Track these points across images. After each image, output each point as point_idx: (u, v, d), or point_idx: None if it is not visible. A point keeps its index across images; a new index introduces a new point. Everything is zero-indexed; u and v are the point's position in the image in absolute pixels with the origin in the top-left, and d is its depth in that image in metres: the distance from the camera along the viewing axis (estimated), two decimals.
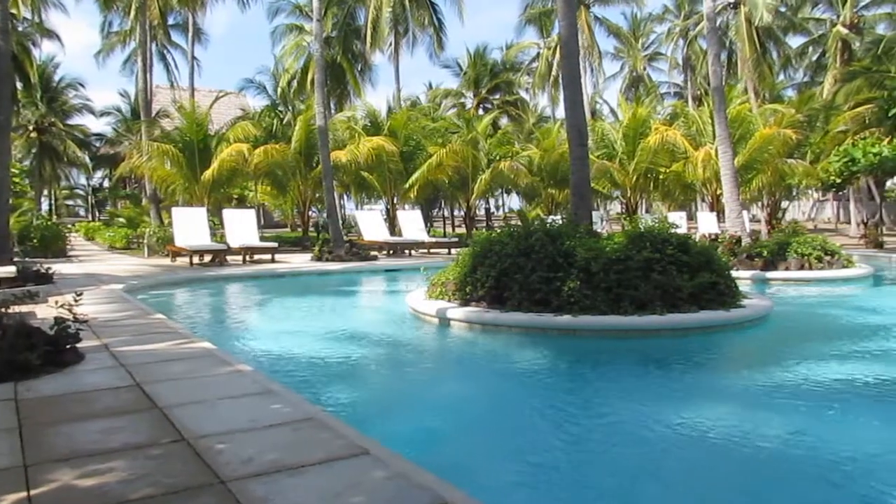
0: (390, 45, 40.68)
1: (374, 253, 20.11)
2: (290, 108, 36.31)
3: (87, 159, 57.70)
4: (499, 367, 7.28)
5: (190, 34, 37.25)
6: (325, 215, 26.35)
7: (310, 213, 30.15)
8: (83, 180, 68.05)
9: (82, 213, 71.19)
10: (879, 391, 5.92)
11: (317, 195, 27.69)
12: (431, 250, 22.14)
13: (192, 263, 17.32)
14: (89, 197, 67.56)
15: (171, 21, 42.18)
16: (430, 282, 10.43)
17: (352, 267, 17.56)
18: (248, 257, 18.31)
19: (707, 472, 4.24)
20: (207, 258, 18.10)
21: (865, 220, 31.43)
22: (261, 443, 3.61)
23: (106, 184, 64.67)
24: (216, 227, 22.90)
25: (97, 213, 63.18)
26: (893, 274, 17.06)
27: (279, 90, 40.11)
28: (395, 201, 28.11)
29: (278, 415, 4.10)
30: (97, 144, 58.48)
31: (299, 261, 18.81)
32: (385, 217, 26.54)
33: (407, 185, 26.72)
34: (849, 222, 36.59)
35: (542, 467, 4.32)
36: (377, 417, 5.32)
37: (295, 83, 39.28)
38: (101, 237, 29.48)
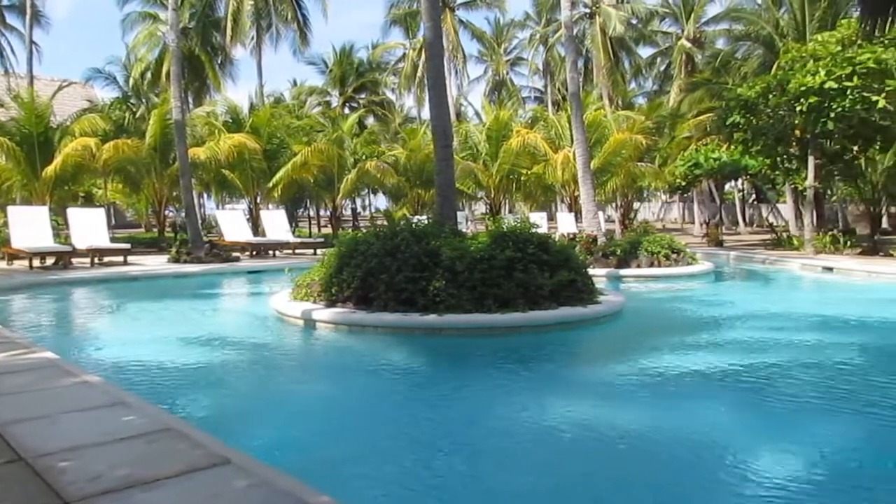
0: (252, 39, 39.51)
1: (236, 254, 19.44)
2: (143, 101, 34.44)
3: None
4: (365, 368, 7.23)
5: (28, 16, 34.25)
6: (183, 215, 25.20)
7: (166, 212, 28.73)
8: None
9: None
10: (722, 378, 6.39)
11: (174, 194, 26.37)
12: (296, 251, 21.69)
13: (31, 266, 16.02)
14: None
15: (5, 1, 38.91)
16: (295, 283, 10.23)
17: (212, 269, 16.89)
18: (96, 259, 17.17)
19: (568, 461, 4.41)
20: (50, 261, 16.83)
21: (707, 220, 33.89)
22: (111, 458, 3.38)
23: None
24: (60, 227, 21.33)
25: None
26: (731, 270, 18.50)
27: (131, 82, 37.94)
28: (258, 201, 27.33)
29: (131, 427, 3.87)
30: None
31: (155, 263, 17.87)
32: (248, 217, 25.70)
33: (271, 184, 26.04)
34: (693, 222, 39.26)
35: (408, 466, 4.33)
36: (240, 425, 5.14)
37: (149, 75, 37.30)
38: None
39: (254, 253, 20.35)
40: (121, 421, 3.99)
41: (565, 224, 25.98)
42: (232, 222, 22.29)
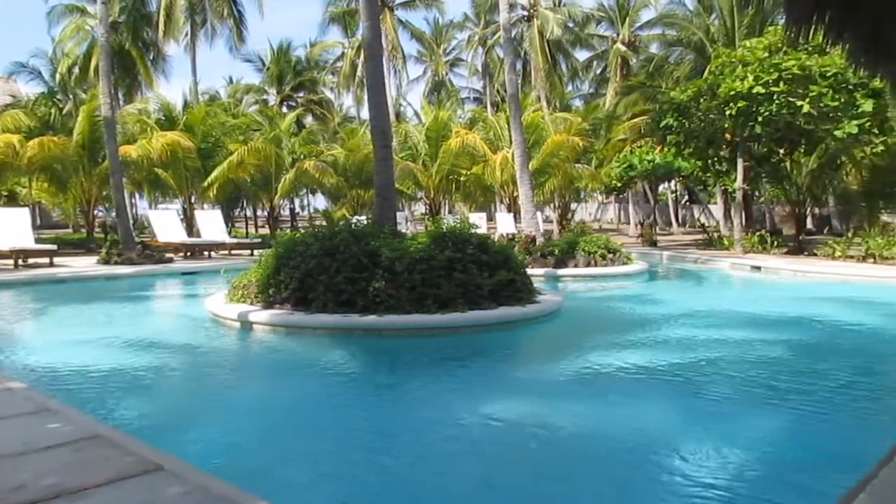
0: (186, 35, 38.56)
1: (169, 255, 18.95)
2: (71, 97, 33.21)
3: None
4: (303, 370, 7.13)
5: None
6: (113, 215, 24.44)
7: (96, 212, 27.82)
8: None
9: None
10: (656, 374, 6.53)
11: (104, 193, 25.55)
12: (233, 252, 21.29)
13: None
14: None
15: None
16: (232, 284, 10.05)
17: (144, 270, 16.43)
18: (20, 261, 16.48)
19: (506, 458, 4.43)
20: None
21: (642, 221, 34.71)
22: (36, 467, 3.25)
23: None
24: None
25: None
26: (665, 269, 18.96)
27: (58, 77, 36.57)
28: (192, 200, 26.71)
29: (57, 434, 3.72)
30: None
31: (84, 264, 17.26)
32: (182, 217, 25.08)
33: (206, 184, 25.48)
34: (628, 223, 40.15)
35: (346, 468, 4.29)
36: (174, 430, 5.00)
37: (77, 70, 36.05)
38: None
39: (188, 254, 19.88)
40: (46, 429, 3.84)
41: (504, 224, 26.19)
42: (165, 222, 21.71)
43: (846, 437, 4.80)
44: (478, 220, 23.55)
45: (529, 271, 11.13)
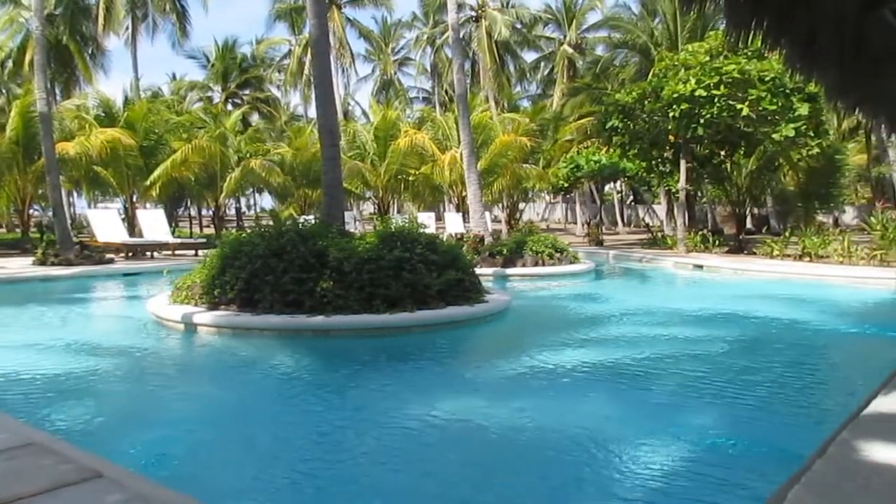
0: (127, 29, 37.61)
1: (110, 255, 18.43)
2: (4, 91, 32.05)
3: None
4: (249, 372, 7.02)
5: None
6: (50, 214, 23.66)
7: (31, 211, 26.89)
8: None
9: None
10: (601, 371, 6.63)
11: (39, 191, 24.73)
12: (176, 252, 20.83)
13: None
14: None
15: None
16: (175, 285, 9.83)
17: (83, 271, 15.94)
18: None
19: (455, 456, 4.44)
20: None
21: (588, 221, 35.19)
22: None
23: None
24: None
25: None
26: (611, 268, 19.27)
27: None
28: (134, 199, 26.05)
29: None
30: None
31: (18, 265, 16.66)
32: (123, 216, 24.42)
33: (148, 182, 24.86)
34: (575, 222, 40.66)
35: (293, 471, 4.24)
36: (114, 436, 4.86)
37: (10, 63, 34.77)
38: None
39: (130, 254, 19.38)
40: None
41: (453, 224, 26.26)
42: (105, 222, 21.10)
43: (783, 430, 4.94)
44: (426, 219, 23.47)
45: (478, 271, 11.17)
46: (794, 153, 21.17)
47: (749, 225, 29.58)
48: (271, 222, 10.40)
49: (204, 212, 39.92)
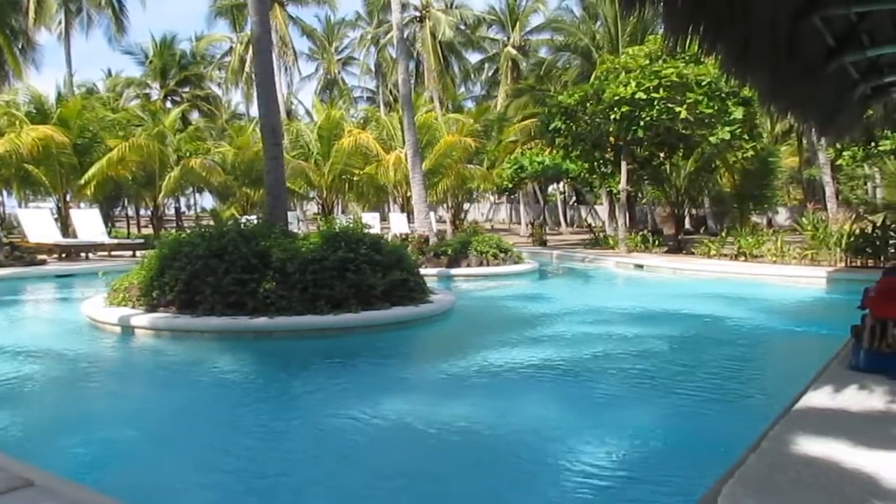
0: (60, 23, 36.38)
1: (42, 256, 17.81)
2: None
3: None
4: (188, 375, 6.86)
5: None
6: None
7: None
8: None
9: None
10: (545, 370, 6.70)
11: None
12: (113, 253, 20.26)
13: None
14: None
15: None
16: (111, 287, 9.56)
17: (13, 273, 15.36)
18: None
19: (394, 458, 4.43)
20: None
21: (532, 221, 35.54)
22: None
23: None
24: None
25: None
26: (555, 268, 19.51)
27: None
28: (67, 199, 25.21)
29: None
30: None
31: None
32: (56, 216, 23.61)
33: (82, 181, 24.09)
34: (520, 222, 41.00)
35: (235, 475, 4.16)
36: (47, 443, 4.70)
37: None
38: None
39: (63, 255, 18.77)
40: None
41: (398, 224, 26.20)
42: (37, 222, 20.36)
43: (719, 425, 5.08)
44: (371, 219, 23.43)
45: (423, 271, 11.18)
46: (729, 155, 21.79)
47: (687, 225, 30.29)
48: (212, 222, 10.21)
49: (142, 212, 38.82)
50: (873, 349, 2.68)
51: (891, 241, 15.29)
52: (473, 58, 50.49)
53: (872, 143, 21.67)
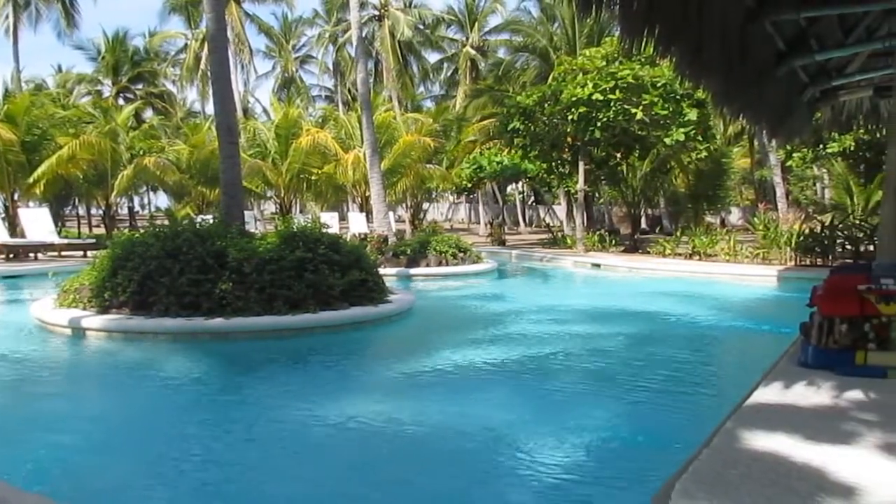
0: (7, 17, 35.37)
1: None
2: None
3: None
4: (141, 377, 6.72)
5: None
6: None
7: None
8: None
9: None
10: (501, 368, 6.73)
11: None
12: (63, 253, 19.77)
13: None
14: None
15: None
16: (62, 288, 9.32)
17: None
18: None
19: (350, 458, 4.40)
20: None
21: (491, 221, 35.71)
22: None
23: None
24: None
25: None
26: (513, 267, 19.63)
27: None
28: (15, 198, 24.49)
29: None
30: None
31: None
32: (3, 216, 22.95)
33: (31, 180, 23.42)
34: (479, 222, 41.16)
35: (191, 481, 4.09)
36: None
37: None
38: None
39: (11, 256, 18.25)
40: None
41: (356, 224, 26.06)
42: None
43: (674, 421, 5.16)
44: (329, 219, 23.26)
45: (382, 271, 11.15)
46: (684, 156, 22.18)
47: (643, 225, 30.78)
48: (167, 222, 10.04)
49: (94, 211, 37.99)
50: (821, 346, 2.76)
51: (838, 241, 15.73)
52: (432, 57, 50.59)
53: (821, 146, 22.29)
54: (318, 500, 3.87)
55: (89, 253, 18.23)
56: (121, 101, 43.09)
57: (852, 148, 21.63)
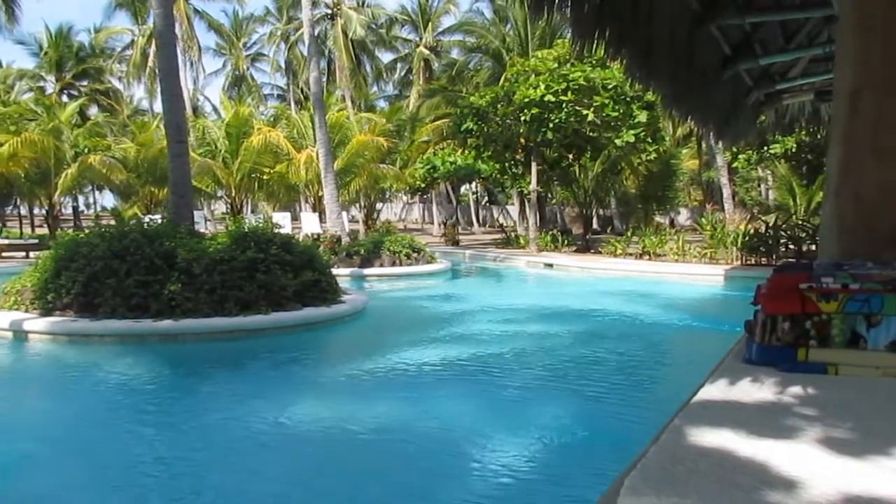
0: None
1: None
2: None
3: None
4: (85, 382, 6.56)
5: None
6: None
7: None
8: None
9: None
10: (456, 369, 6.76)
11: None
12: (3, 254, 19.18)
13: None
14: None
15: None
16: (3, 290, 9.05)
17: None
18: None
19: (310, 460, 4.37)
20: None
21: (445, 221, 35.77)
22: None
23: None
24: None
25: None
26: (467, 267, 19.70)
27: None
28: None
29: None
30: None
31: None
32: None
33: None
34: (433, 222, 41.14)
35: (135, 487, 4.01)
36: None
37: None
38: None
39: None
40: None
41: (309, 224, 25.80)
42: None
43: (623, 418, 5.25)
44: (282, 219, 22.97)
45: (335, 271, 11.08)
46: (634, 158, 22.53)
47: (595, 225, 31.14)
48: (113, 222, 9.82)
49: (36, 211, 36.87)
50: (765, 343, 2.84)
51: (781, 241, 16.18)
52: (386, 57, 50.35)
53: (765, 147, 22.89)
54: (251, 498, 3.82)
55: (32, 254, 17.71)
56: (65, 98, 41.90)
57: (794, 150, 22.27)
